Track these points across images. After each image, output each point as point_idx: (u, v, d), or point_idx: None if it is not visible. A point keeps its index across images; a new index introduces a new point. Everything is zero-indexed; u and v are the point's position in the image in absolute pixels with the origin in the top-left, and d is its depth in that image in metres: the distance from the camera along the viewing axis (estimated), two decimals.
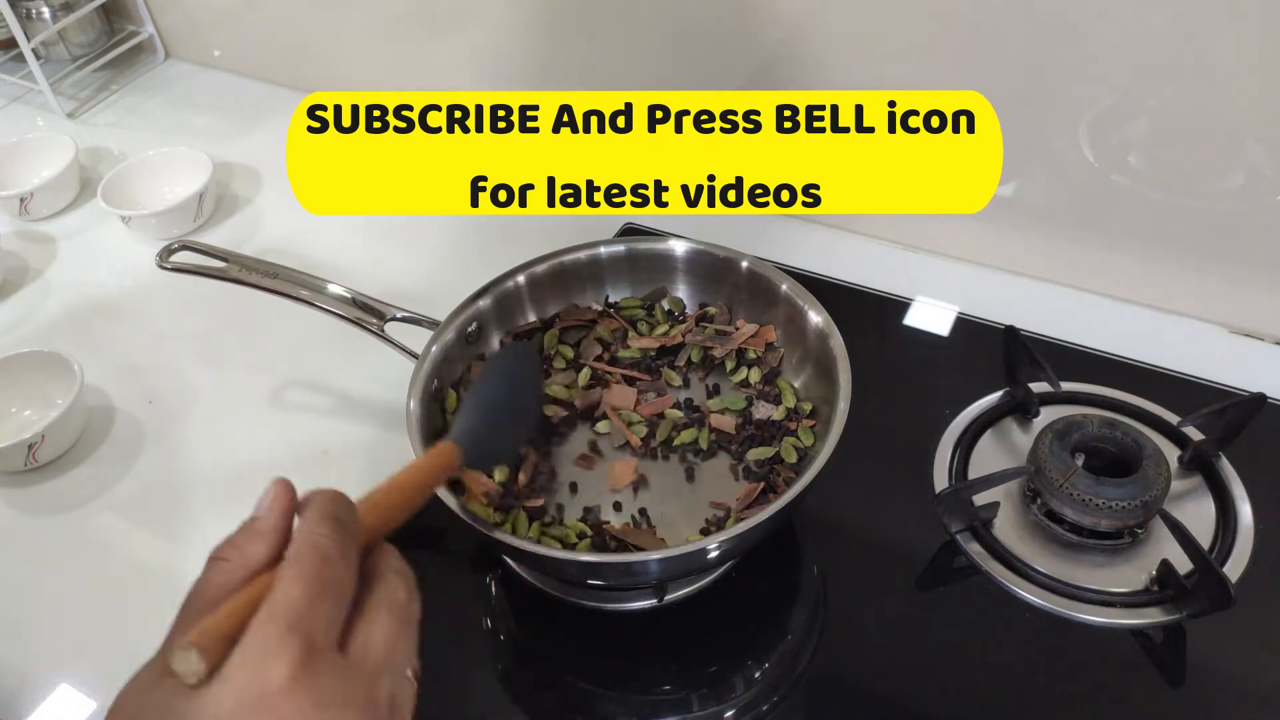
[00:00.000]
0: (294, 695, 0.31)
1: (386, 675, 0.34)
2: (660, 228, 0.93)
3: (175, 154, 1.04)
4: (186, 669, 0.31)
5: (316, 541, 0.34)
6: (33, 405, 0.83)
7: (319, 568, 0.33)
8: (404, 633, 0.35)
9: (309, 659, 0.31)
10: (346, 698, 0.32)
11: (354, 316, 0.73)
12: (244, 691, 0.31)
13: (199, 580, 0.35)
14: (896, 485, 0.71)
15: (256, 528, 0.36)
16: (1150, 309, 0.83)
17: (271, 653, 0.31)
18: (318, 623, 0.32)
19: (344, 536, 0.35)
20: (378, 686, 0.33)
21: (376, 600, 0.35)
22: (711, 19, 0.86)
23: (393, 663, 0.34)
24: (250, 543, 0.36)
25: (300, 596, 0.32)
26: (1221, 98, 0.71)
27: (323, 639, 0.32)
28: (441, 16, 1.02)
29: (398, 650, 0.35)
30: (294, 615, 0.32)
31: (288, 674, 0.31)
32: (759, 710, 0.61)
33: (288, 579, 0.33)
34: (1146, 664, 0.61)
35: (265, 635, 0.32)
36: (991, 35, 0.75)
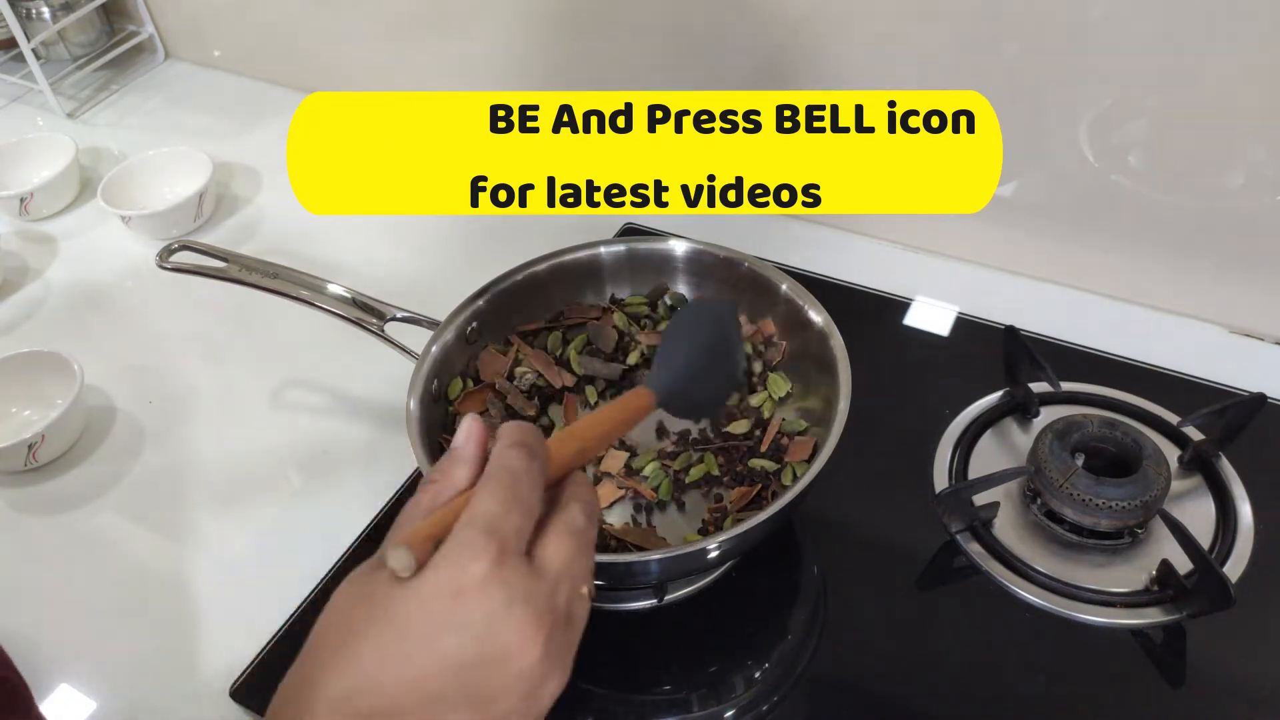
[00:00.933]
0: (488, 588, 0.35)
1: (565, 585, 0.38)
2: (660, 228, 0.93)
3: (175, 154, 1.04)
4: (398, 564, 0.36)
5: (507, 462, 0.39)
6: (33, 405, 0.83)
7: (510, 484, 0.38)
8: (581, 552, 0.39)
9: (501, 558, 0.36)
10: (530, 596, 0.36)
11: (354, 316, 0.73)
12: (446, 582, 0.36)
13: (412, 499, 0.40)
14: (896, 485, 0.71)
15: (457, 455, 0.41)
16: (1150, 309, 0.83)
17: (470, 551, 0.36)
18: (509, 530, 0.37)
19: (531, 459, 0.39)
20: (557, 593, 0.38)
21: (560, 521, 0.40)
22: (712, 19, 0.86)
23: (571, 575, 0.38)
24: (454, 467, 0.40)
25: (494, 507, 0.37)
26: (1221, 98, 0.71)
27: (513, 544, 0.37)
28: (441, 16, 1.02)
29: (575, 566, 0.39)
30: (489, 522, 0.37)
31: (484, 570, 0.35)
32: (759, 710, 0.61)
33: (484, 493, 0.38)
34: (1146, 664, 0.61)
35: (465, 537, 0.36)
36: (992, 35, 0.75)
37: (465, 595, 0.35)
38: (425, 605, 0.35)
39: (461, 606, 0.35)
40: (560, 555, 0.38)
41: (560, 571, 0.38)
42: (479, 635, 0.35)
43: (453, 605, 0.35)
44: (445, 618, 0.35)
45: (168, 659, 0.66)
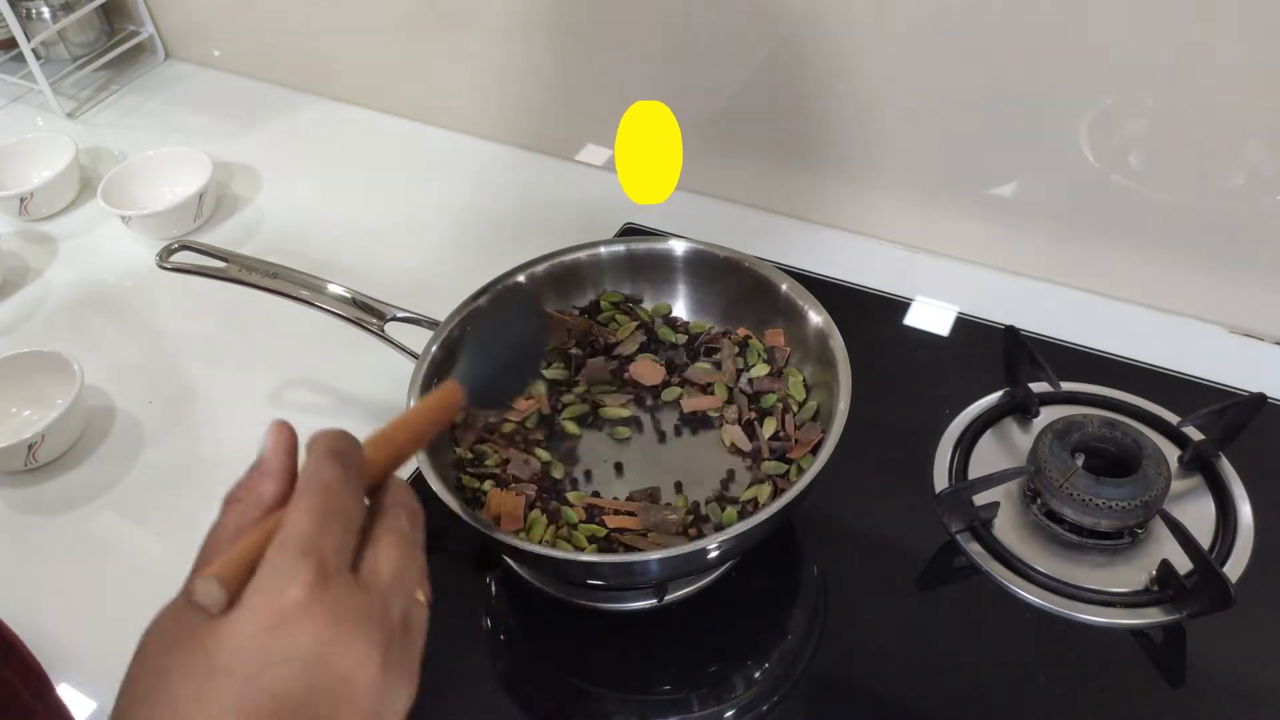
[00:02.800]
0: (310, 613, 0.33)
1: (397, 595, 0.36)
2: (661, 228, 0.93)
3: (175, 154, 1.04)
4: (208, 599, 0.33)
5: (320, 474, 0.36)
6: (33, 405, 0.82)
7: (324, 498, 0.36)
8: (411, 557, 0.37)
9: (322, 579, 0.33)
10: (359, 614, 0.34)
11: (354, 316, 0.73)
12: (263, 613, 0.33)
13: (215, 522, 0.37)
14: (896, 485, 0.71)
15: (264, 469, 0.38)
16: (1150, 309, 0.83)
17: (286, 576, 0.33)
18: (328, 547, 0.34)
19: (346, 468, 0.37)
20: (390, 605, 0.35)
21: (383, 528, 0.37)
22: (712, 19, 0.86)
23: (402, 584, 0.36)
24: (259, 483, 0.38)
25: (309, 524, 0.35)
26: (1221, 98, 0.71)
27: (334, 561, 0.34)
28: (441, 17, 1.02)
29: (406, 573, 0.37)
30: (304, 542, 0.34)
31: (303, 594, 0.33)
32: (759, 710, 0.61)
33: (296, 510, 0.35)
34: (1146, 664, 0.61)
35: (279, 561, 0.34)
36: (992, 35, 0.75)
37: (287, 624, 0.33)
38: (243, 642, 0.32)
39: (284, 637, 0.33)
40: (388, 564, 0.36)
41: (389, 581, 0.36)
42: (308, 664, 0.33)
43: (274, 637, 0.33)
44: (268, 652, 0.32)
45: None
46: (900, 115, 0.83)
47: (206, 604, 0.33)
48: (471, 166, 1.07)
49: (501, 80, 1.04)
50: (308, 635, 0.33)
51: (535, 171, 1.05)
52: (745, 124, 0.92)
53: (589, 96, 1.00)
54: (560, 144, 1.05)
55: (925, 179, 0.86)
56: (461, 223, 0.99)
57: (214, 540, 0.37)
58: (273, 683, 0.32)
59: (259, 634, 0.33)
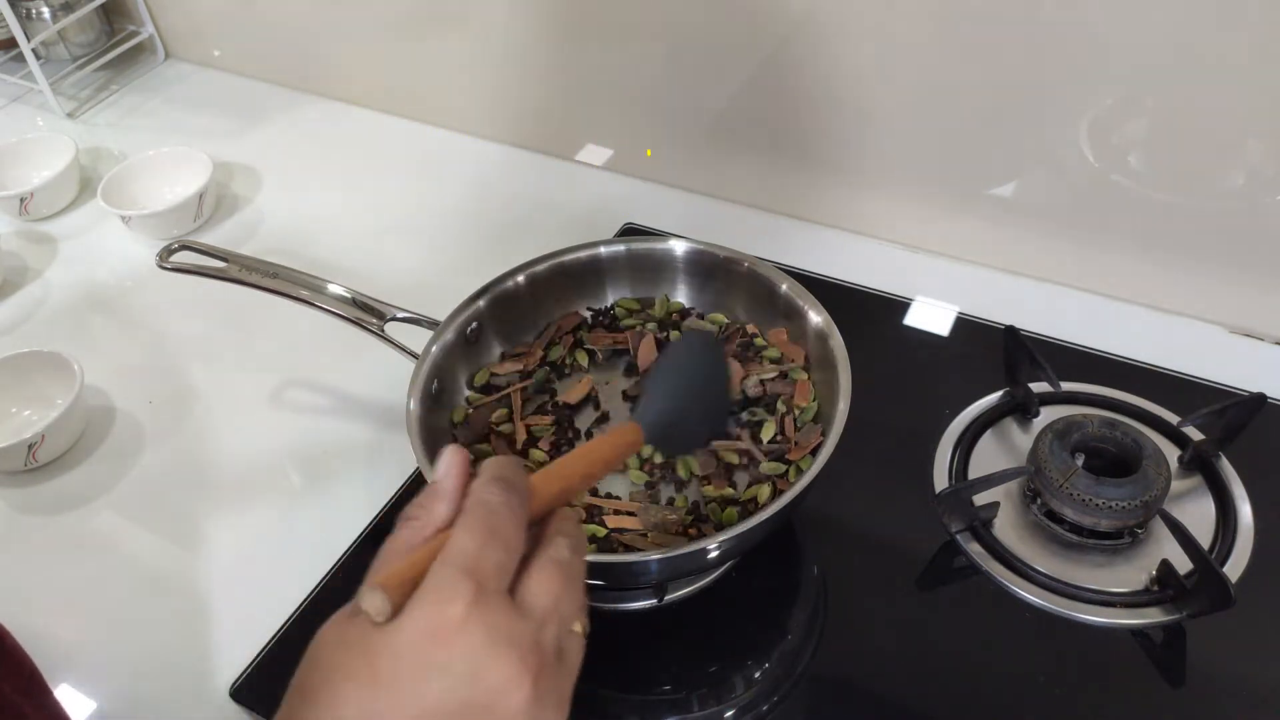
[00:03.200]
0: (467, 629, 0.34)
1: (553, 623, 0.37)
2: (661, 228, 0.93)
3: (175, 154, 1.04)
4: (373, 608, 0.35)
5: (485, 498, 0.38)
6: (33, 405, 0.82)
7: (487, 520, 0.37)
8: (569, 587, 0.38)
9: (480, 598, 0.35)
10: (514, 637, 0.35)
11: (354, 316, 0.73)
12: (423, 625, 0.34)
13: (391, 537, 0.39)
14: (896, 485, 0.71)
15: (437, 490, 0.39)
16: (1150, 309, 0.83)
17: (447, 592, 0.35)
18: (488, 567, 0.36)
19: (510, 494, 0.38)
20: (544, 631, 0.36)
21: (544, 556, 0.38)
22: (712, 18, 0.86)
23: (559, 613, 0.37)
24: (434, 503, 0.39)
25: (471, 545, 0.36)
26: (1221, 98, 0.71)
27: (493, 583, 0.36)
28: (441, 17, 1.02)
29: (563, 602, 0.38)
30: (466, 560, 0.35)
31: (462, 611, 0.34)
32: (759, 710, 0.61)
33: (460, 530, 0.37)
34: (1146, 664, 0.61)
35: (442, 577, 0.35)
36: (993, 35, 0.75)
37: (444, 638, 0.34)
38: (402, 651, 0.34)
39: (440, 650, 0.34)
40: (546, 591, 0.37)
41: (546, 608, 0.37)
42: (461, 679, 0.34)
43: (431, 649, 0.34)
44: (424, 663, 0.34)
45: (168, 659, 0.66)
46: (900, 115, 0.83)
47: (372, 612, 0.35)
48: (471, 166, 1.07)
49: (501, 80, 1.04)
50: (463, 652, 0.34)
51: (535, 171, 1.05)
52: (745, 124, 0.92)
53: (589, 96, 1.00)
54: (560, 144, 1.05)
55: (925, 179, 0.86)
56: (461, 223, 0.99)
57: (387, 554, 0.38)
58: (426, 693, 0.34)
59: (418, 645, 0.34)
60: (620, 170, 1.03)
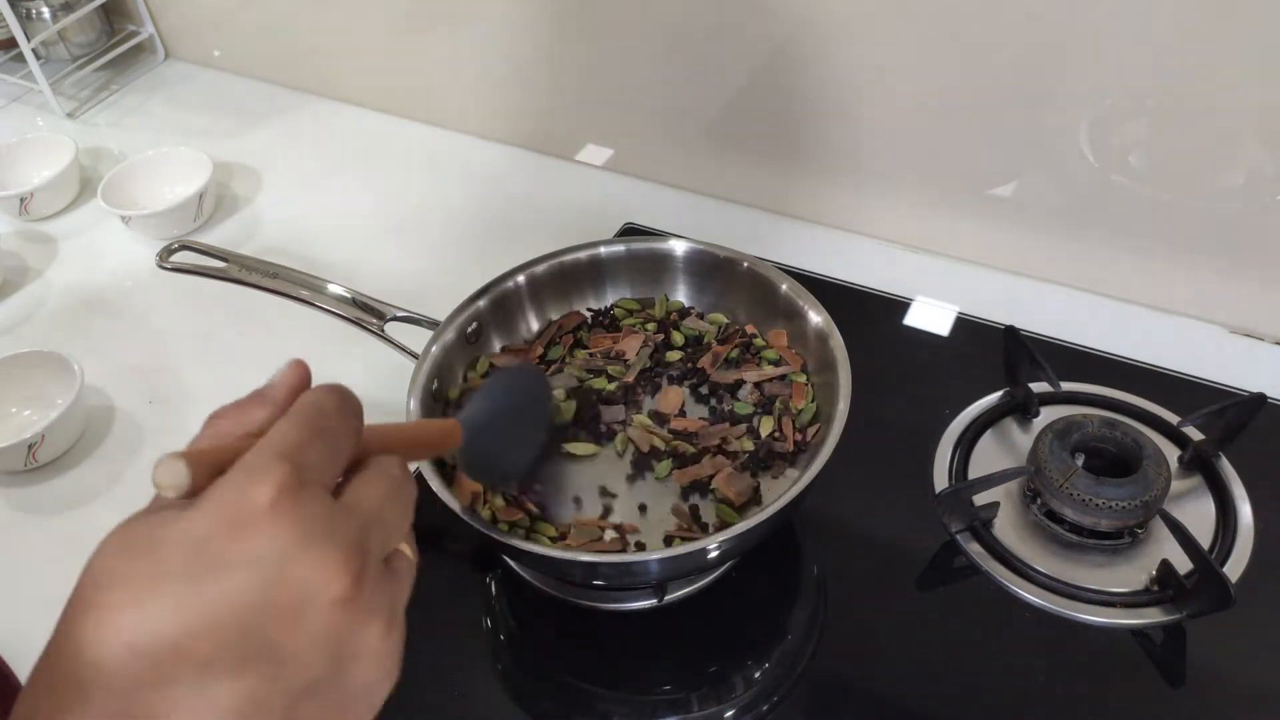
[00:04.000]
0: (275, 519, 0.29)
1: (377, 528, 0.32)
2: (661, 228, 0.93)
3: (175, 154, 1.04)
4: (168, 480, 0.30)
5: (317, 400, 0.34)
6: (33, 405, 0.82)
7: (316, 419, 0.33)
8: (398, 498, 0.34)
9: (296, 485, 0.30)
10: (332, 534, 0.30)
11: (354, 316, 0.73)
12: (223, 511, 0.29)
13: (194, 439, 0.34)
14: (896, 485, 0.71)
15: (262, 394, 0.35)
16: (1150, 309, 0.83)
17: (257, 475, 0.30)
18: (309, 458, 0.31)
19: (344, 401, 0.34)
20: (368, 534, 0.32)
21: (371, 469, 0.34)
22: (713, 18, 0.86)
23: (383, 520, 0.33)
24: (252, 407, 0.34)
25: (294, 435, 0.31)
26: (1221, 98, 0.71)
27: (313, 474, 0.31)
28: (441, 16, 1.02)
29: (390, 509, 0.33)
30: (285, 447, 0.31)
31: (271, 495, 0.29)
32: (759, 710, 0.61)
33: (284, 421, 0.32)
34: (1146, 664, 0.61)
35: (253, 461, 0.30)
36: (992, 35, 0.75)
37: (247, 526, 0.29)
38: (195, 540, 0.29)
39: (241, 540, 0.29)
40: (371, 495, 0.33)
41: (371, 511, 0.32)
42: (264, 576, 0.28)
43: (230, 539, 0.29)
44: (220, 555, 0.28)
45: None
46: (901, 115, 0.83)
47: (164, 485, 0.30)
48: (471, 166, 1.07)
49: (501, 80, 1.04)
50: (269, 541, 0.29)
51: (535, 171, 1.05)
52: (745, 124, 0.92)
53: (589, 96, 1.00)
54: (560, 144, 1.05)
55: (925, 179, 0.86)
56: (461, 223, 0.99)
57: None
58: (221, 589, 0.28)
59: (214, 533, 0.29)
60: (620, 170, 1.03)
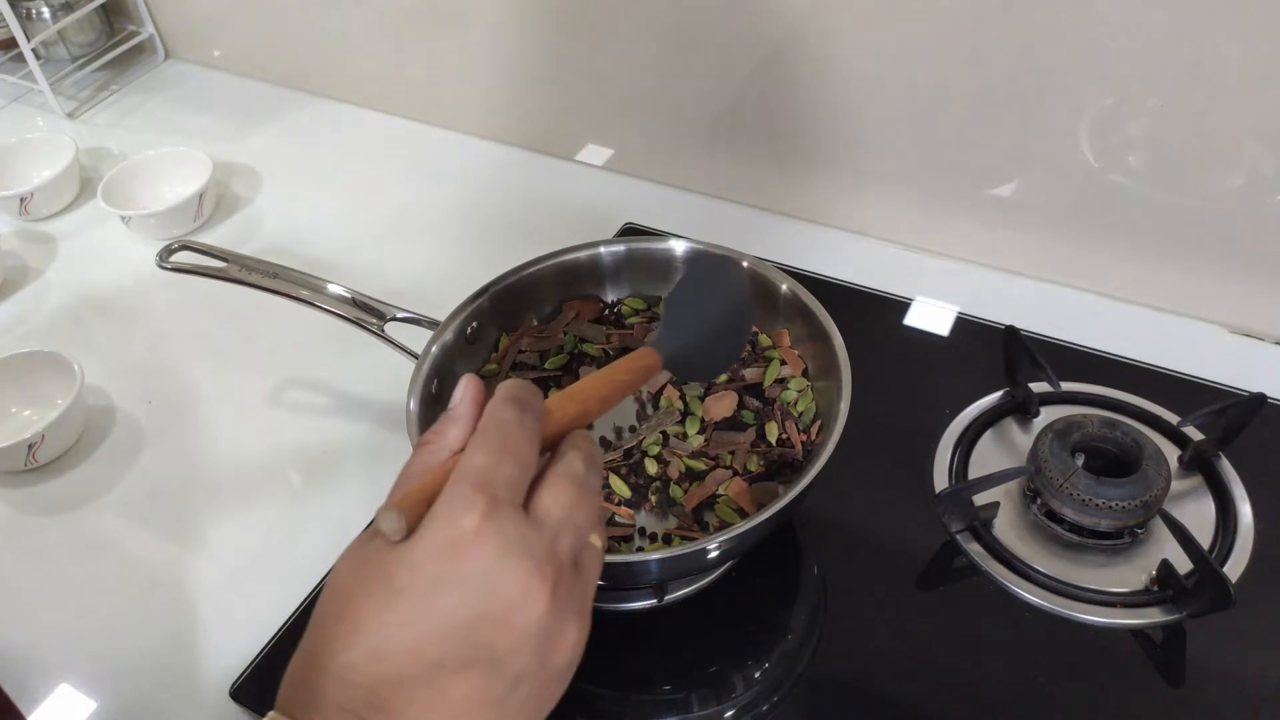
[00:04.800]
0: (481, 541, 0.35)
1: (567, 533, 0.37)
2: (661, 228, 0.93)
3: (175, 154, 1.04)
4: (389, 527, 0.36)
5: (499, 416, 0.38)
6: (33, 405, 0.83)
7: (500, 437, 0.37)
8: (583, 499, 0.38)
9: (493, 510, 0.35)
10: (528, 546, 0.35)
11: (354, 316, 0.73)
12: (438, 539, 0.35)
13: (407, 463, 0.39)
14: (896, 485, 0.71)
15: (452, 415, 0.40)
16: (1150, 309, 0.83)
17: (461, 506, 0.35)
18: (500, 481, 0.36)
19: (523, 412, 0.39)
20: (559, 541, 0.37)
21: (557, 470, 0.39)
22: (713, 17, 0.86)
23: (573, 523, 0.38)
24: (448, 428, 0.40)
25: (483, 460, 0.36)
26: (1222, 97, 0.71)
27: (505, 495, 0.36)
28: (441, 16, 1.02)
29: (577, 513, 0.38)
30: (478, 476, 0.36)
31: (476, 523, 0.35)
32: (759, 710, 0.61)
33: (474, 447, 0.37)
34: (1146, 664, 0.61)
35: (455, 492, 0.36)
36: (992, 35, 0.75)
37: (458, 550, 0.34)
38: (418, 565, 0.35)
39: (455, 562, 0.34)
40: (559, 502, 0.37)
41: (560, 519, 0.37)
42: (477, 591, 0.34)
43: (446, 562, 0.35)
44: (439, 576, 0.34)
45: (168, 659, 0.66)
46: (901, 115, 0.83)
47: (388, 531, 0.36)
48: (471, 166, 1.07)
49: (502, 80, 1.04)
50: (478, 562, 0.34)
51: (535, 171, 1.05)
52: (745, 124, 0.92)
53: (589, 96, 1.00)
54: (560, 144, 1.05)
55: (925, 179, 0.86)
56: (461, 223, 0.99)
57: (403, 479, 0.39)
58: (443, 604, 0.34)
59: (433, 558, 0.35)
60: (620, 170, 1.03)
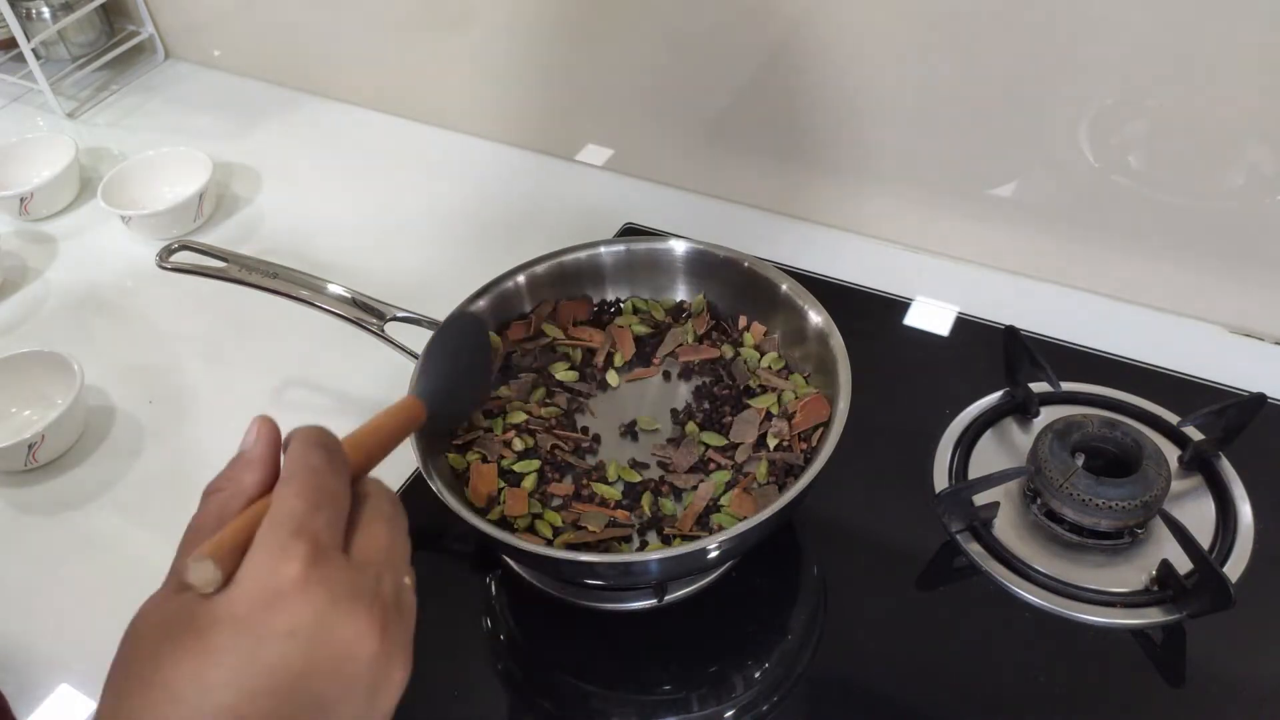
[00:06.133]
0: (307, 590, 0.33)
1: (387, 574, 0.37)
2: (661, 228, 0.93)
3: (175, 154, 1.04)
4: (202, 579, 0.33)
5: (309, 461, 0.37)
6: (33, 405, 0.82)
7: (313, 481, 0.36)
8: (396, 538, 0.38)
9: (317, 557, 0.34)
10: (355, 591, 0.34)
11: (354, 316, 0.73)
12: (260, 590, 0.33)
13: (196, 513, 0.37)
14: (896, 485, 0.71)
15: (246, 458, 0.39)
16: (1150, 309, 0.83)
17: (281, 554, 0.33)
18: (320, 526, 0.35)
19: (333, 457, 0.38)
20: (383, 582, 0.36)
21: (368, 513, 0.38)
22: (712, 19, 0.86)
23: (392, 563, 0.37)
24: (242, 473, 0.38)
25: (300, 506, 0.35)
26: (1221, 98, 0.71)
27: (326, 539, 0.35)
28: (441, 16, 1.02)
29: (394, 553, 0.38)
30: (296, 523, 0.34)
31: (299, 571, 0.33)
32: (759, 710, 0.61)
33: (286, 494, 0.36)
34: (1146, 664, 0.61)
35: (273, 540, 0.34)
36: (992, 35, 0.75)
37: (282, 601, 0.33)
38: (239, 619, 0.33)
39: (280, 614, 0.33)
40: (376, 545, 0.37)
41: (381, 560, 0.37)
42: (306, 641, 0.33)
43: (271, 613, 0.33)
44: (265, 628, 0.32)
45: None
46: (900, 115, 0.83)
47: (199, 583, 0.33)
48: (471, 166, 1.07)
49: (502, 80, 1.04)
50: (307, 611, 0.33)
51: (535, 171, 1.05)
52: (745, 124, 0.92)
53: (589, 96, 1.00)
54: (560, 144, 1.05)
55: (925, 179, 0.86)
56: (461, 223, 0.99)
57: (196, 529, 0.37)
58: (271, 658, 0.32)
59: (255, 611, 0.33)
60: (620, 170, 1.03)
